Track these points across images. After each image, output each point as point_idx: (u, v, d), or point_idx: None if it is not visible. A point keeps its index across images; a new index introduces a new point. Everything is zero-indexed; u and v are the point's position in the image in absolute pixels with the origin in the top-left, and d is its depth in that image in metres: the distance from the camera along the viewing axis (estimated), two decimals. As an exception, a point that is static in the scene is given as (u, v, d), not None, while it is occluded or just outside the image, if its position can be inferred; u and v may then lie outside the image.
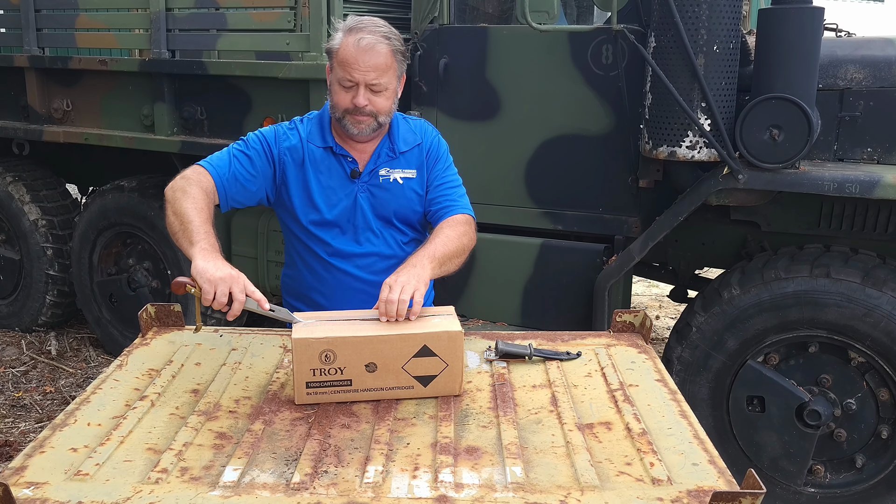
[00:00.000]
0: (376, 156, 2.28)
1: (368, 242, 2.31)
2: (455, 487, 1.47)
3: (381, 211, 2.30)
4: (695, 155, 3.11)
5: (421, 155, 2.32)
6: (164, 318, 2.25)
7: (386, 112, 2.19)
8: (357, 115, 2.15)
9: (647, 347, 2.16)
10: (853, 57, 3.18)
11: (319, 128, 2.28)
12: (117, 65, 4.29)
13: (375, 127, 2.20)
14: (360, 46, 2.10)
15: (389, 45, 2.13)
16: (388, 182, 2.28)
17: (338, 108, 2.18)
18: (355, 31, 2.13)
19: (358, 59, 2.10)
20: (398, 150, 2.29)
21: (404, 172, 2.29)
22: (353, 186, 2.27)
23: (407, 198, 2.30)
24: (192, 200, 2.06)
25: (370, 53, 2.10)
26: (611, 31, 3.27)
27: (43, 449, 1.58)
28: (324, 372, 1.79)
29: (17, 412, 4.28)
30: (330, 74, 2.20)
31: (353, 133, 2.20)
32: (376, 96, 2.15)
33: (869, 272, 3.03)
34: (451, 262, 2.15)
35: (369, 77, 2.11)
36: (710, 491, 1.42)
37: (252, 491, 1.45)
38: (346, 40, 2.13)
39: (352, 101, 2.14)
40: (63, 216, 5.11)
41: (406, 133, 2.32)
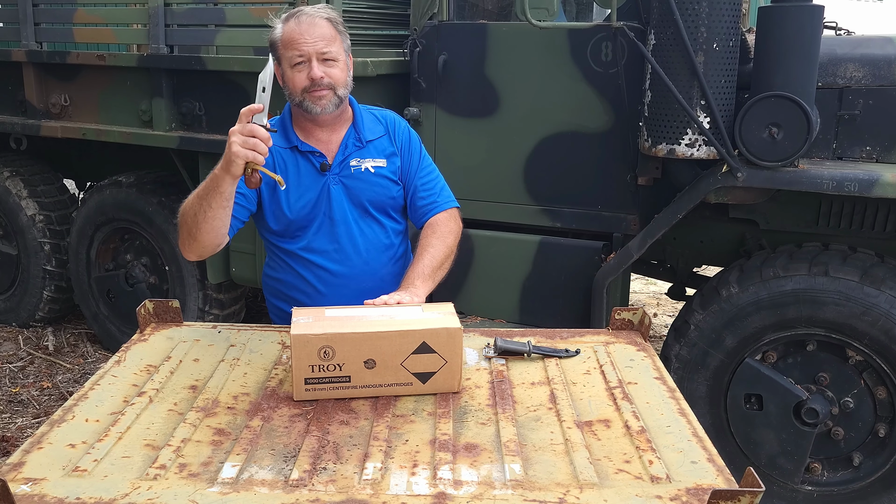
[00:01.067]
0: (344, 146, 2.27)
1: (346, 236, 2.29)
2: (454, 484, 1.47)
3: (356, 201, 2.29)
4: (694, 153, 3.11)
5: (390, 143, 2.32)
6: (163, 314, 2.25)
7: (343, 84, 2.19)
8: (315, 90, 2.15)
9: (646, 345, 2.16)
10: (853, 55, 3.18)
11: (282, 129, 2.27)
12: (115, 60, 4.27)
13: (337, 102, 2.19)
14: (302, 22, 2.14)
15: (328, 16, 2.18)
16: (359, 172, 2.28)
17: (296, 90, 2.18)
18: (292, 16, 2.18)
19: (303, 33, 2.13)
20: (365, 139, 2.29)
21: (375, 161, 2.29)
22: (324, 179, 2.26)
23: (381, 185, 2.30)
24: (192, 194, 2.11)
25: (312, 26, 2.14)
26: (610, 29, 3.26)
27: (41, 445, 1.58)
28: (322, 368, 1.79)
29: (14, 407, 4.27)
30: (278, 68, 2.21)
31: (315, 112, 2.18)
32: (329, 67, 2.16)
33: (867, 271, 3.03)
34: (441, 270, 2.23)
35: (318, 46, 2.14)
36: (708, 489, 1.42)
37: (250, 487, 1.45)
38: (286, 26, 2.17)
39: (308, 77, 2.15)
40: (60, 211, 5.11)
41: (371, 123, 2.33)
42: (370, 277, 2.30)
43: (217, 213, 2.07)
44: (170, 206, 4.49)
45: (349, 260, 2.30)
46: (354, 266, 2.29)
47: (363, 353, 1.80)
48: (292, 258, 2.33)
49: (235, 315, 4.69)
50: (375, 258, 2.33)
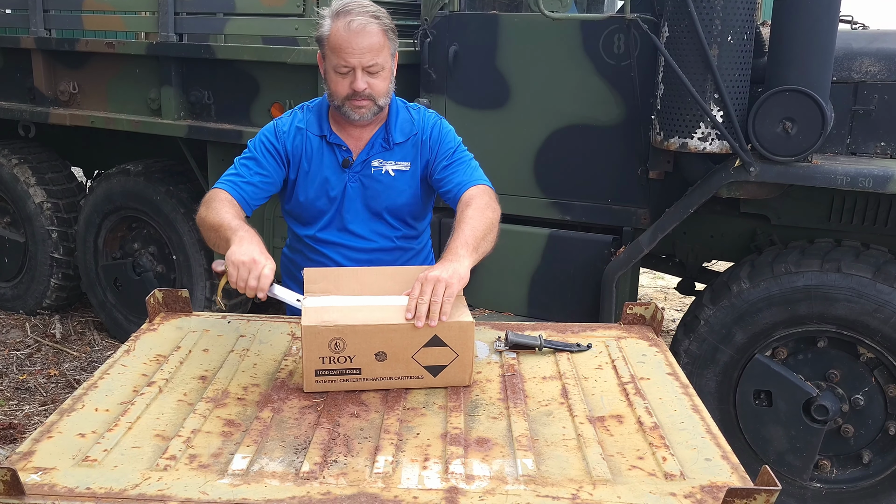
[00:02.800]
0: (370, 146, 2.25)
1: (355, 233, 2.29)
2: (466, 479, 1.46)
3: (370, 203, 2.27)
4: (706, 147, 3.09)
5: (418, 146, 2.27)
6: (172, 304, 2.24)
7: (384, 94, 2.16)
8: (356, 99, 2.13)
9: (658, 340, 2.15)
10: (868, 50, 3.15)
11: (317, 116, 2.27)
12: (124, 48, 4.26)
13: (376, 111, 2.17)
14: (352, 29, 2.06)
15: (380, 25, 2.09)
16: (379, 174, 2.25)
17: (336, 96, 2.15)
18: (343, 15, 2.09)
19: (351, 42, 2.06)
20: (393, 141, 2.25)
21: (397, 164, 2.25)
22: (344, 176, 2.25)
23: (398, 190, 2.27)
24: (218, 211, 2.07)
25: (362, 35, 2.07)
26: (623, 21, 3.24)
27: (50, 434, 1.57)
28: (333, 360, 1.78)
29: (22, 395, 4.28)
30: (323, 63, 2.18)
31: (354, 119, 2.17)
32: (373, 78, 2.11)
33: (880, 267, 3.00)
34: (485, 241, 2.03)
35: (365, 60, 2.08)
36: (723, 487, 1.41)
37: (261, 479, 1.44)
38: (335, 26, 2.09)
39: (350, 87, 2.11)
40: (68, 199, 5.10)
41: (404, 123, 2.28)
42: None
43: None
44: (178, 195, 4.48)
45: (355, 257, 2.31)
46: (359, 264, 2.27)
47: (374, 345, 1.78)
48: (303, 243, 2.36)
49: (242, 305, 4.68)
50: (381, 260, 2.32)
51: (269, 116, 3.88)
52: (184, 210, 4.45)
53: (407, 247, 2.39)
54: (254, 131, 3.89)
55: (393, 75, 2.19)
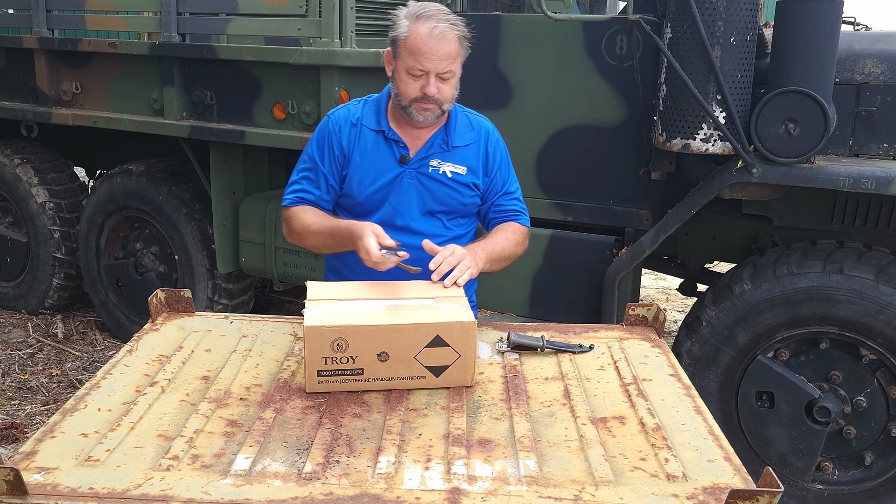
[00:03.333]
0: (429, 145, 2.27)
1: (406, 230, 2.30)
2: (468, 480, 1.46)
3: (426, 199, 2.29)
4: (709, 148, 3.08)
5: (476, 155, 2.30)
6: (174, 304, 2.24)
7: (450, 99, 2.20)
8: (424, 102, 2.15)
9: (661, 341, 2.15)
10: (871, 51, 3.14)
11: (376, 112, 2.29)
12: (127, 48, 4.26)
13: (439, 114, 2.21)
14: (434, 35, 2.09)
15: (458, 33, 2.13)
16: (437, 173, 2.27)
17: (405, 96, 2.16)
18: (424, 19, 2.11)
19: (431, 48, 2.09)
20: (451, 145, 2.27)
21: (455, 167, 2.28)
22: (401, 171, 2.26)
23: (455, 190, 2.30)
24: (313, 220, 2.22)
25: (442, 42, 2.09)
26: (626, 21, 3.23)
27: (53, 434, 1.57)
28: (335, 360, 1.78)
29: (24, 394, 4.28)
30: (393, 62, 2.19)
31: (418, 120, 2.20)
32: (444, 84, 2.15)
33: (883, 269, 3.00)
34: (499, 262, 2.23)
35: (441, 66, 2.11)
36: (726, 488, 1.41)
37: (263, 480, 1.44)
38: (415, 28, 2.10)
39: (421, 90, 2.13)
40: (70, 199, 5.11)
41: (463, 129, 2.30)
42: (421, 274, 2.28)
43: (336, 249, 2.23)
44: (180, 195, 4.49)
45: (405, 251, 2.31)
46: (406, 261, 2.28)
47: (376, 345, 1.78)
48: None
49: (244, 305, 4.69)
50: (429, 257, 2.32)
51: (272, 116, 3.89)
52: (186, 210, 4.46)
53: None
54: (256, 132, 3.94)
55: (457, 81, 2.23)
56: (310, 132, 3.77)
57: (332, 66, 3.63)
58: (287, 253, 4.17)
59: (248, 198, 4.36)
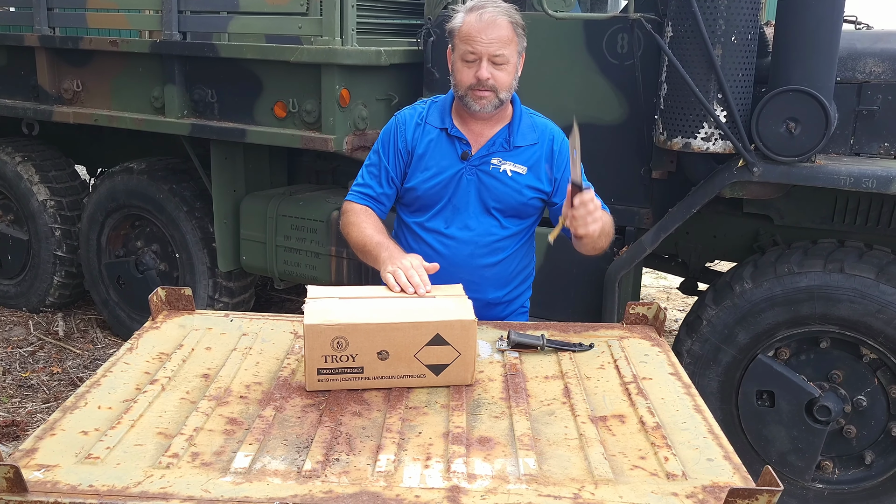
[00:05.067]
0: (491, 143, 2.28)
1: (462, 225, 2.31)
2: (468, 478, 1.46)
3: (484, 197, 2.30)
4: (710, 146, 3.08)
5: (540, 155, 2.31)
6: (175, 302, 2.24)
7: (507, 88, 2.21)
8: (479, 89, 2.17)
9: (661, 340, 2.15)
10: (872, 50, 3.14)
11: (441, 111, 2.32)
12: (128, 46, 4.26)
13: (497, 104, 2.21)
14: (483, 20, 2.14)
15: (510, 18, 2.16)
16: (497, 171, 2.28)
17: (461, 85, 2.20)
18: (477, 9, 2.17)
19: (480, 31, 2.13)
20: (514, 144, 2.29)
21: (515, 167, 2.29)
22: (462, 167, 2.28)
23: (514, 189, 2.30)
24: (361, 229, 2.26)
25: (492, 26, 2.13)
26: (627, 20, 3.23)
27: (53, 431, 1.57)
28: (335, 359, 1.78)
29: (24, 392, 4.29)
30: (451, 55, 2.24)
31: (475, 109, 2.21)
32: (497, 69, 2.16)
33: (883, 268, 3.00)
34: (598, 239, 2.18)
35: (492, 49, 2.14)
36: (725, 487, 1.41)
37: (263, 478, 1.44)
38: (467, 17, 2.17)
39: (475, 76, 2.16)
40: (72, 197, 5.11)
41: (526, 130, 2.32)
42: (471, 271, 2.31)
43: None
44: (181, 193, 4.49)
45: (457, 248, 2.33)
46: (459, 255, 2.32)
47: (376, 344, 1.78)
48: (409, 230, 2.38)
49: (245, 303, 4.69)
50: (481, 254, 2.34)
51: (273, 115, 3.89)
52: (186, 208, 4.46)
53: (512, 247, 2.40)
54: (257, 130, 3.93)
55: (518, 73, 2.25)
56: (311, 130, 3.78)
57: (333, 65, 3.62)
58: (288, 251, 4.17)
59: (249, 196, 4.37)
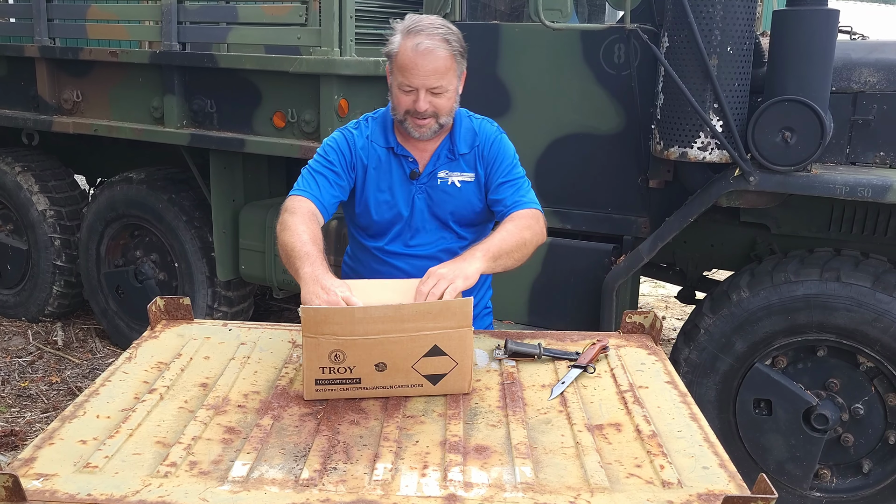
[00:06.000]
0: (436, 157, 2.25)
1: (423, 244, 2.31)
2: (464, 486, 1.46)
3: (437, 212, 2.28)
4: (706, 156, 3.10)
5: (479, 159, 2.28)
6: (174, 311, 2.25)
7: (447, 112, 2.17)
8: (418, 118, 2.14)
9: (657, 349, 2.15)
10: (867, 60, 3.16)
11: (382, 128, 2.27)
12: (128, 56, 4.29)
13: (437, 129, 2.18)
14: (419, 51, 2.06)
15: (448, 49, 2.09)
16: (445, 184, 2.26)
17: (398, 109, 2.16)
18: (413, 35, 2.08)
19: (417, 64, 2.07)
20: (458, 152, 2.26)
21: (462, 175, 2.26)
22: (412, 188, 2.26)
23: (465, 200, 2.28)
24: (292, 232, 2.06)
25: (429, 58, 2.07)
26: (623, 31, 3.25)
27: (52, 440, 1.58)
28: (333, 370, 1.79)
29: (23, 402, 4.29)
30: (389, 76, 2.18)
31: (414, 136, 2.18)
32: (437, 98, 2.12)
33: (879, 277, 3.01)
34: (508, 256, 2.08)
35: (429, 82, 2.09)
36: (720, 495, 1.42)
37: (261, 486, 1.45)
38: (404, 44, 2.09)
39: (413, 105, 2.12)
40: (71, 207, 5.13)
41: (467, 133, 2.28)
42: None
43: None
44: (180, 203, 4.50)
45: (419, 264, 2.28)
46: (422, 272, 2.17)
47: (374, 356, 1.79)
48: (370, 254, 2.36)
49: (244, 313, 4.70)
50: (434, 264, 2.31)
51: (272, 125, 3.91)
52: (186, 218, 4.47)
53: None
54: (256, 140, 3.95)
55: (458, 94, 2.20)
56: (309, 140, 3.80)
57: (332, 75, 3.65)
58: (286, 260, 4.18)
59: (248, 206, 4.38)
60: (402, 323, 1.78)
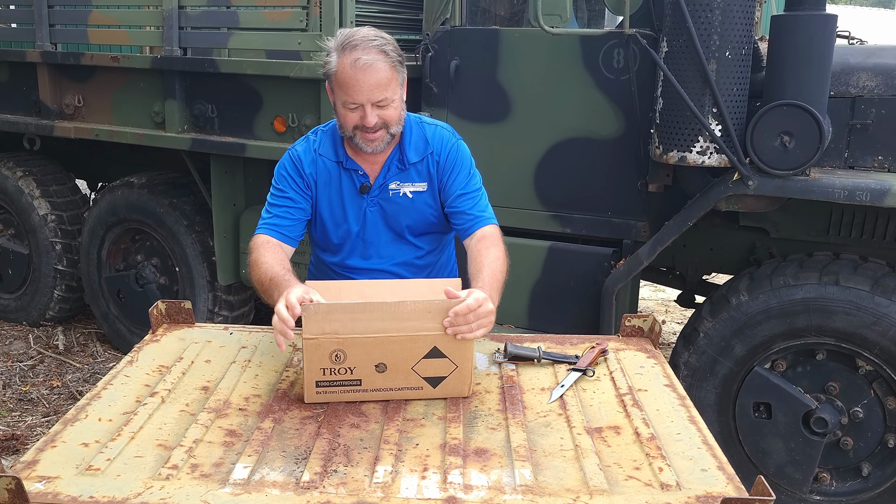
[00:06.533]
0: (386, 168, 2.23)
1: (379, 257, 2.30)
2: (464, 489, 1.47)
3: (392, 225, 2.27)
4: (705, 160, 3.11)
5: (433, 167, 2.25)
6: (175, 315, 2.26)
7: (396, 122, 2.14)
8: (368, 132, 2.11)
9: (656, 352, 2.16)
10: (865, 65, 3.18)
11: (332, 141, 2.24)
12: (129, 61, 4.30)
13: (389, 139, 2.16)
14: (358, 67, 2.03)
15: (387, 61, 2.06)
16: (397, 196, 2.23)
17: (346, 126, 2.13)
18: (349, 51, 2.05)
19: (358, 80, 2.04)
20: (408, 162, 2.23)
21: (414, 186, 2.24)
22: (363, 202, 2.24)
23: (418, 211, 2.26)
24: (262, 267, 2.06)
25: (369, 73, 2.03)
26: (623, 35, 3.27)
27: (54, 443, 1.59)
28: (334, 371, 1.80)
29: (24, 406, 4.29)
30: (331, 95, 2.15)
31: (367, 151, 2.15)
32: (383, 110, 2.09)
33: (878, 280, 3.02)
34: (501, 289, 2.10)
35: (373, 96, 2.06)
36: (719, 497, 1.43)
37: (262, 489, 1.46)
38: (341, 62, 2.05)
39: (361, 120, 2.09)
40: (72, 211, 5.14)
41: (418, 141, 2.24)
42: None
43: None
44: (181, 207, 4.51)
45: (381, 278, 2.29)
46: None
47: (374, 356, 1.80)
48: (330, 269, 2.36)
49: (244, 317, 4.70)
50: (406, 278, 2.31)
51: (272, 130, 3.92)
52: (186, 222, 4.48)
53: (432, 261, 2.39)
54: (257, 144, 3.97)
55: (404, 100, 2.17)
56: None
57: (333, 80, 3.66)
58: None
59: (249, 210, 4.39)
60: (402, 322, 1.79)
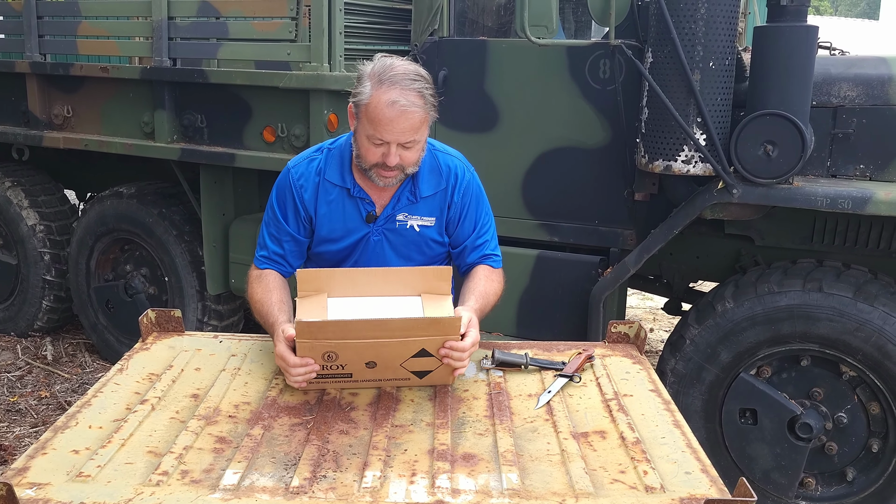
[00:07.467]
0: (396, 199, 2.18)
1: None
2: (452, 493, 1.49)
3: (391, 254, 2.24)
4: (690, 169, 3.15)
5: (444, 202, 2.22)
6: (165, 324, 2.27)
7: (414, 164, 2.09)
8: (385, 170, 2.06)
9: (642, 358, 2.19)
10: (846, 75, 3.23)
11: (339, 164, 2.18)
12: (118, 72, 4.31)
13: (402, 178, 2.12)
14: (395, 110, 1.96)
15: (423, 106, 1.99)
16: (404, 228, 2.20)
17: (365, 161, 2.07)
18: (387, 87, 1.97)
19: (392, 121, 1.97)
20: (420, 195, 2.18)
21: (422, 220, 2.20)
22: (368, 229, 2.20)
23: (424, 243, 2.25)
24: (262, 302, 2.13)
25: (404, 117, 1.97)
26: (608, 46, 3.31)
27: (45, 450, 1.60)
28: (326, 368, 1.87)
29: (13, 417, 4.28)
30: (354, 121, 2.07)
31: (379, 185, 2.11)
32: (407, 151, 2.04)
33: (861, 287, 3.06)
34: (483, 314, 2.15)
35: (403, 138, 2.00)
36: (702, 498, 1.45)
37: (252, 494, 1.47)
38: (376, 97, 1.97)
39: (382, 158, 2.03)
40: (61, 222, 5.13)
41: (431, 175, 2.19)
42: None
43: None
44: (170, 217, 4.52)
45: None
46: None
47: (365, 356, 1.86)
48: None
49: (234, 326, 4.71)
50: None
51: (262, 139, 3.94)
52: (176, 232, 4.49)
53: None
54: (246, 154, 3.98)
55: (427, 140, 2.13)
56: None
57: (321, 90, 3.68)
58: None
59: (238, 220, 4.40)
60: (393, 333, 1.84)
